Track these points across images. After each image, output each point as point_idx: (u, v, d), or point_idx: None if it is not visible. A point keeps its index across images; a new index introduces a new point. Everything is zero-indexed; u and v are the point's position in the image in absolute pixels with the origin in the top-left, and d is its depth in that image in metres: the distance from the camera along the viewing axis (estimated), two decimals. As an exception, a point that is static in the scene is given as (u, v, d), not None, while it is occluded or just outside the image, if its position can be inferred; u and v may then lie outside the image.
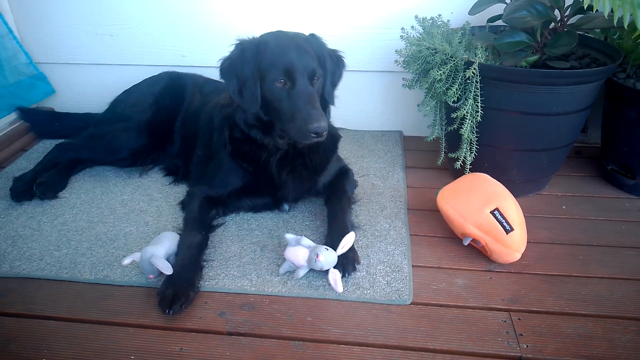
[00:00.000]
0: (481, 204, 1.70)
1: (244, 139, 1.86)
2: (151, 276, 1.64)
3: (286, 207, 2.02)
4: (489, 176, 1.83)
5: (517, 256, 1.69)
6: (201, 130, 2.15)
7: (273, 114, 1.75)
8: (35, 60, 2.73)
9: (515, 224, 1.65)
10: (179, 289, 1.54)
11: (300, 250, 1.64)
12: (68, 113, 2.72)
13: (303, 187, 1.96)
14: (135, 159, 2.29)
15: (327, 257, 1.60)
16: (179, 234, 1.77)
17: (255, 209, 2.02)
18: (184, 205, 1.99)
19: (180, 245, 1.71)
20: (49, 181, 2.14)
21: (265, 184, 1.92)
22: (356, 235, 1.87)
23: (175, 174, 2.27)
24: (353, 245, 1.70)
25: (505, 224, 1.65)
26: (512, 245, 1.66)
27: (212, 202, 1.94)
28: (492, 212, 1.67)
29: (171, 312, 1.48)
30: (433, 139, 2.13)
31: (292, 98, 1.68)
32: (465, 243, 1.75)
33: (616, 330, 1.47)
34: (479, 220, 1.69)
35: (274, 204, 2.01)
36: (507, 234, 1.64)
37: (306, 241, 1.67)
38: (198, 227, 1.79)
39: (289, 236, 1.70)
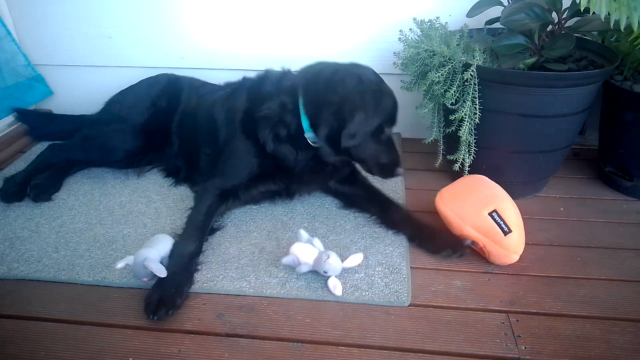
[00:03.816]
0: (479, 205, 1.71)
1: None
2: (145, 279, 1.63)
3: (297, 196, 2.07)
4: (487, 178, 1.83)
5: (515, 258, 1.69)
6: (204, 130, 2.14)
7: (353, 152, 1.84)
8: (33, 62, 2.73)
9: (513, 226, 1.66)
10: (165, 295, 1.53)
11: (310, 249, 1.65)
12: (65, 115, 2.71)
13: (320, 183, 2.04)
14: (130, 161, 2.28)
15: (336, 262, 1.61)
16: (174, 237, 1.75)
17: (267, 197, 2.04)
18: (196, 197, 1.98)
19: (173, 251, 1.69)
20: (43, 183, 2.13)
21: (282, 174, 1.96)
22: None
23: (176, 174, 2.26)
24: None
25: (503, 225, 1.65)
26: (510, 247, 1.66)
27: (224, 196, 1.94)
28: (490, 214, 1.67)
29: (155, 317, 1.47)
30: (431, 141, 2.13)
31: (386, 143, 1.87)
32: (465, 245, 1.75)
33: (614, 331, 1.47)
34: (477, 222, 1.69)
35: (287, 194, 2.04)
36: (505, 235, 1.64)
37: (318, 243, 1.69)
38: (196, 235, 1.78)
39: (303, 232, 1.71)
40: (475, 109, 1.86)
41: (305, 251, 1.65)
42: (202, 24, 2.56)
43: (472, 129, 1.91)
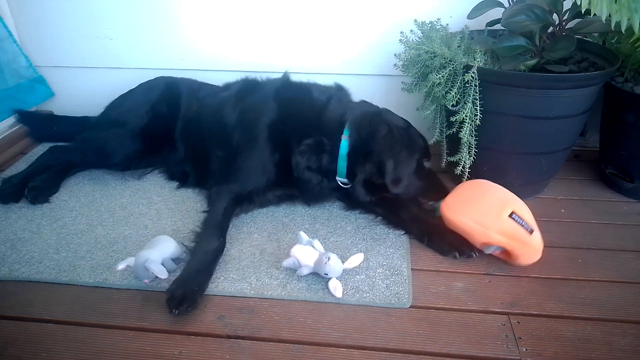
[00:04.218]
0: (497, 209, 1.68)
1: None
2: (146, 281, 1.64)
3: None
4: (489, 181, 1.82)
5: (539, 256, 1.68)
6: (213, 132, 2.13)
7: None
8: (34, 64, 2.73)
9: (533, 224, 1.65)
10: (188, 291, 1.54)
11: (310, 251, 1.65)
12: (66, 116, 2.72)
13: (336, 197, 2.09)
14: (128, 164, 2.28)
15: (336, 264, 1.61)
16: (177, 239, 1.76)
17: (283, 200, 2.06)
18: (209, 201, 1.98)
19: (196, 248, 1.71)
20: (40, 185, 2.13)
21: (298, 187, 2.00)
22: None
23: (182, 179, 2.25)
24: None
25: (525, 225, 1.63)
26: (537, 245, 1.66)
27: (238, 199, 1.95)
28: (510, 216, 1.65)
29: (177, 312, 1.48)
30: (432, 142, 2.12)
31: (427, 176, 1.97)
32: (488, 252, 1.72)
33: (615, 333, 1.47)
34: (501, 226, 1.65)
35: (304, 201, 2.08)
36: (530, 234, 1.63)
37: (318, 245, 1.69)
38: (217, 233, 1.79)
39: (303, 234, 1.71)
40: (476, 110, 1.86)
41: (305, 253, 1.65)
42: (203, 25, 2.56)
43: (473, 131, 1.90)
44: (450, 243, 1.77)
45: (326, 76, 2.60)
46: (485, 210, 1.71)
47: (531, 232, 1.64)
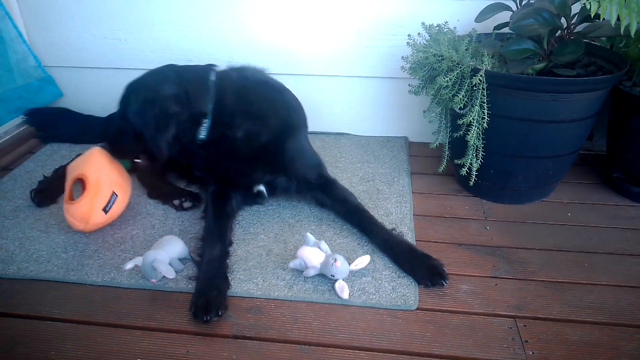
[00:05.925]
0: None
1: None
2: (154, 280, 1.65)
3: (261, 189, 2.01)
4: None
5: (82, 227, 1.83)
6: None
7: None
8: (43, 64, 2.75)
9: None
10: (210, 297, 1.54)
11: (317, 252, 1.66)
12: (74, 116, 2.74)
13: (256, 173, 1.98)
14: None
15: (343, 266, 1.61)
16: (185, 240, 1.77)
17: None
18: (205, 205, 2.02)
19: (202, 256, 1.72)
20: (47, 188, 2.14)
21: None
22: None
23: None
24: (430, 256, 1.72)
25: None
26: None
27: (221, 197, 1.96)
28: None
29: (208, 317, 1.48)
30: (437, 145, 2.13)
31: None
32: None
33: (622, 338, 1.47)
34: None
35: (248, 193, 2.03)
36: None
37: (325, 246, 1.69)
38: (215, 239, 1.79)
39: (310, 236, 1.72)
40: (484, 113, 1.86)
41: (312, 255, 1.66)
42: (210, 26, 2.58)
43: (480, 134, 1.91)
44: (422, 274, 1.67)
45: (333, 78, 2.62)
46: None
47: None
